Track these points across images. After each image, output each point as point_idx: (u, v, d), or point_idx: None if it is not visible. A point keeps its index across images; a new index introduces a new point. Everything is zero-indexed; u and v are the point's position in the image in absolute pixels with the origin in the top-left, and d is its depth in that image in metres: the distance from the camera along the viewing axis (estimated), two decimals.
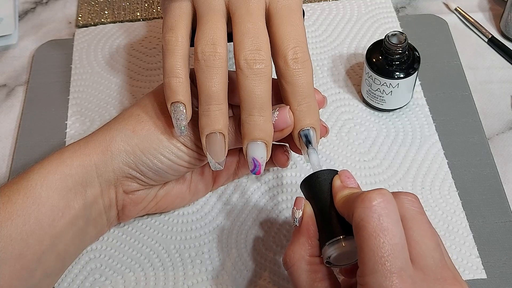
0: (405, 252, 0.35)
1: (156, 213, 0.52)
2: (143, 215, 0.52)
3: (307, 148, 0.44)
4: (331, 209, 0.40)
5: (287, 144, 0.49)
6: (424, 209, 0.51)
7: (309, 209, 0.41)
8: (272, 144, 0.44)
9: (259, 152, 0.42)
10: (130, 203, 0.47)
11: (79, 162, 0.44)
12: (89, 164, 0.44)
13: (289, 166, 0.53)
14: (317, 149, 0.45)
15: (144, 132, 0.45)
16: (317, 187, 0.41)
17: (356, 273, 0.36)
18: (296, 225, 0.41)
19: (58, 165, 0.43)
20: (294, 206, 0.41)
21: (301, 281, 0.39)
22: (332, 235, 0.39)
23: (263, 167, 0.43)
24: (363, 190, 0.52)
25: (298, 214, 0.41)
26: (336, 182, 0.41)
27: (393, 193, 0.37)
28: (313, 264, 0.39)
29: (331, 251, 0.39)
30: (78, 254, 0.48)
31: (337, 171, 0.42)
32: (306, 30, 0.45)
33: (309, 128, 0.44)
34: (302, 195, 0.43)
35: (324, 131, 0.47)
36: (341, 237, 0.38)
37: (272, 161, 0.49)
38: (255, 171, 0.43)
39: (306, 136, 0.44)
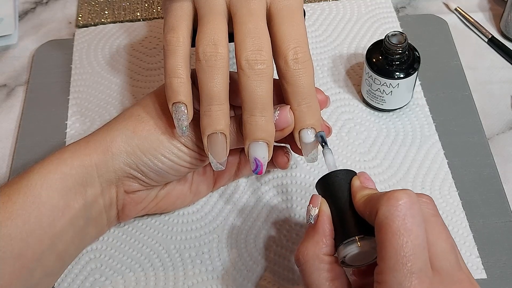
0: (425, 254, 0.35)
1: (156, 213, 0.52)
2: (143, 215, 0.52)
3: (323, 148, 0.44)
4: (348, 209, 0.40)
5: (288, 146, 0.49)
6: None
7: (325, 207, 0.41)
8: (273, 145, 0.44)
9: (261, 152, 0.42)
10: (130, 203, 0.47)
11: (80, 162, 0.44)
12: (89, 164, 0.44)
13: (289, 166, 0.53)
14: (317, 150, 0.45)
15: (144, 133, 0.45)
16: (335, 186, 0.41)
17: (368, 274, 0.36)
18: (311, 222, 0.40)
19: (58, 165, 0.43)
20: (310, 203, 0.41)
21: (312, 278, 0.39)
22: (348, 234, 0.39)
23: (265, 167, 0.43)
24: None
25: (314, 211, 0.40)
26: (356, 182, 0.41)
27: None
28: (326, 262, 0.39)
29: (347, 251, 0.38)
30: (78, 254, 0.48)
31: (355, 171, 0.42)
32: (306, 30, 0.45)
33: (302, 134, 0.44)
34: (304, 195, 0.43)
35: (327, 131, 0.47)
36: (358, 237, 0.38)
37: (272, 163, 0.49)
38: (257, 171, 0.43)
39: (322, 137, 0.44)
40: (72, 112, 0.60)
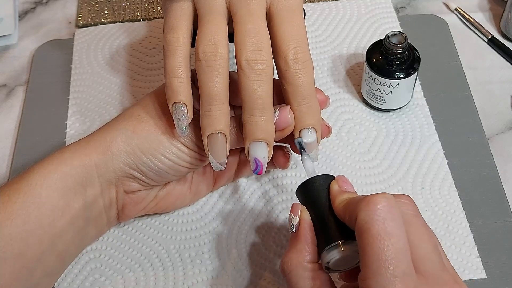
0: (408, 257, 0.35)
1: (156, 213, 0.52)
2: (143, 215, 0.52)
3: (301, 154, 0.44)
4: (328, 214, 0.40)
5: (288, 145, 0.49)
6: (424, 209, 0.51)
7: (306, 215, 0.41)
8: (273, 145, 0.44)
9: (261, 152, 0.42)
10: (130, 203, 0.47)
11: (80, 162, 0.44)
12: (89, 164, 0.44)
13: (289, 166, 0.53)
14: (317, 150, 0.45)
15: (144, 133, 0.45)
16: (314, 192, 0.41)
17: (356, 278, 0.36)
18: (293, 231, 0.41)
19: (58, 165, 0.43)
20: (290, 212, 0.41)
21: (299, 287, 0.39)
22: (330, 240, 0.39)
23: (265, 167, 0.43)
24: (363, 190, 0.53)
25: (295, 220, 0.41)
26: (334, 187, 0.40)
27: None
28: (311, 270, 0.39)
29: (330, 256, 0.38)
30: (78, 254, 0.48)
31: (333, 176, 0.42)
32: (306, 30, 0.45)
33: (302, 134, 0.44)
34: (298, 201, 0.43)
35: (327, 131, 0.47)
36: (340, 241, 0.38)
37: (272, 163, 0.49)
38: (257, 171, 0.43)
39: (300, 143, 0.44)
40: (72, 112, 0.60)
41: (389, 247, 0.34)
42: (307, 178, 0.42)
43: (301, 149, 0.44)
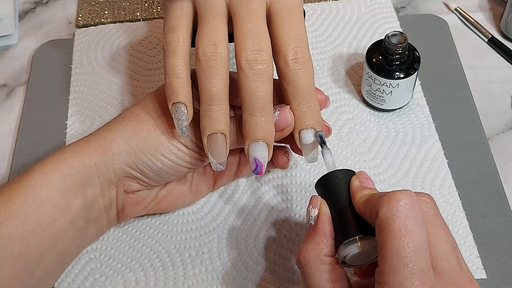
0: (427, 255, 0.35)
1: (156, 213, 0.52)
2: (143, 215, 0.52)
3: (322, 148, 0.43)
4: (348, 209, 0.40)
5: (288, 146, 0.49)
6: None
7: (325, 207, 0.40)
8: (273, 145, 0.44)
9: (261, 152, 0.42)
10: (130, 203, 0.47)
11: (80, 162, 0.44)
12: (89, 164, 0.44)
13: (289, 166, 0.53)
14: (317, 150, 0.45)
15: (144, 133, 0.45)
16: (334, 186, 0.41)
17: (370, 274, 0.36)
18: (311, 223, 0.40)
19: (58, 165, 0.43)
20: (309, 204, 0.41)
21: (314, 280, 0.39)
22: (348, 234, 0.39)
23: (265, 167, 0.43)
24: None
25: (314, 212, 0.40)
26: (355, 182, 0.40)
27: None
28: (327, 264, 0.39)
29: (348, 251, 0.38)
30: (78, 254, 0.48)
31: (354, 171, 0.42)
32: (306, 30, 0.45)
33: (302, 135, 0.43)
34: (306, 195, 0.43)
35: (327, 131, 0.47)
36: (358, 237, 0.38)
37: (272, 163, 0.49)
38: (257, 171, 0.43)
39: (321, 137, 0.44)
40: (72, 112, 0.60)
41: (409, 244, 0.34)
42: (326, 172, 0.42)
43: (321, 143, 0.44)
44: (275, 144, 0.46)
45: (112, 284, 0.49)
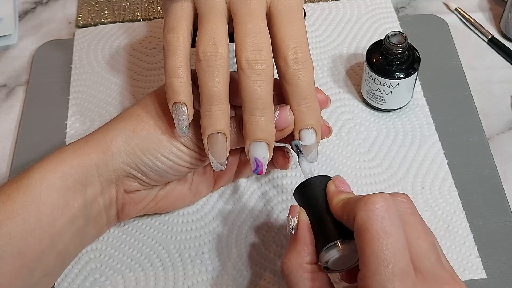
0: (407, 255, 0.35)
1: (156, 213, 0.52)
2: (143, 215, 0.52)
3: (298, 156, 0.44)
4: (326, 215, 0.40)
5: (288, 146, 0.49)
6: (424, 209, 0.51)
7: (304, 216, 0.41)
8: (274, 145, 0.44)
9: (261, 152, 0.42)
10: (130, 202, 0.47)
11: (79, 162, 0.44)
12: (89, 164, 0.44)
13: (289, 167, 0.53)
14: (316, 151, 0.45)
15: (144, 133, 0.45)
16: (311, 193, 0.41)
17: (356, 278, 0.36)
18: (292, 233, 0.41)
19: (58, 164, 0.43)
20: (288, 214, 0.41)
21: None
22: (328, 239, 0.39)
23: (265, 167, 0.43)
24: (363, 190, 0.53)
25: (294, 222, 0.41)
26: (331, 187, 0.41)
27: None
28: (310, 271, 0.39)
29: (329, 256, 0.38)
30: (77, 254, 0.48)
31: (330, 177, 0.42)
32: (306, 30, 0.45)
33: (301, 135, 0.44)
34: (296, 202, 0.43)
35: (327, 131, 0.47)
36: (338, 241, 0.38)
37: (273, 163, 0.49)
38: (257, 171, 0.43)
39: (297, 146, 0.44)
40: (72, 112, 0.60)
41: (387, 246, 0.34)
42: (303, 179, 0.42)
43: (298, 151, 0.44)
44: (276, 144, 0.46)
45: (112, 284, 0.49)
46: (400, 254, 0.34)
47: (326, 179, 0.41)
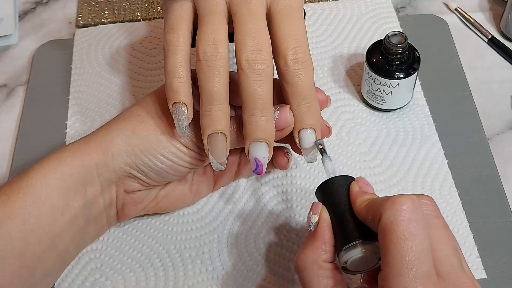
0: (430, 259, 0.35)
1: (156, 213, 0.52)
2: (143, 215, 0.52)
3: (322, 156, 0.44)
4: (348, 214, 0.40)
5: (288, 146, 0.49)
6: None
7: (325, 214, 0.40)
8: (274, 145, 0.44)
9: (261, 152, 0.42)
10: (130, 202, 0.47)
11: (79, 162, 0.44)
12: (89, 164, 0.44)
13: (289, 167, 0.53)
14: (316, 151, 0.45)
15: (144, 133, 0.45)
16: (334, 192, 0.41)
17: (375, 281, 0.36)
18: (311, 229, 0.40)
19: (58, 165, 0.43)
20: (310, 210, 0.41)
21: (312, 286, 0.38)
22: (349, 239, 0.39)
23: (265, 167, 0.43)
24: None
25: (315, 218, 0.40)
26: (355, 187, 0.40)
27: None
28: (325, 269, 0.39)
29: (349, 255, 0.38)
30: (78, 254, 0.48)
31: (353, 177, 0.42)
32: (306, 30, 0.45)
33: (301, 135, 0.44)
34: (306, 201, 0.43)
35: (327, 131, 0.47)
36: (359, 242, 0.38)
37: (273, 163, 0.49)
38: (257, 171, 0.43)
39: (321, 145, 0.44)
40: (72, 112, 0.60)
41: (412, 248, 0.34)
42: (326, 178, 0.42)
43: (321, 151, 0.44)
44: (276, 144, 0.46)
45: (112, 284, 0.49)
46: (424, 257, 0.34)
47: (349, 179, 0.41)
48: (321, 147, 0.44)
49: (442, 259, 0.36)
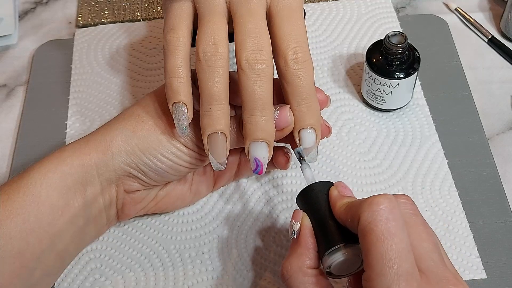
0: (411, 256, 0.35)
1: (156, 213, 0.52)
2: (143, 215, 0.52)
3: (300, 164, 0.44)
4: (329, 219, 0.40)
5: (288, 146, 0.49)
6: (424, 209, 0.51)
7: (307, 221, 0.41)
8: (274, 145, 0.44)
9: (261, 152, 0.42)
10: (130, 202, 0.47)
11: (79, 162, 0.44)
12: (89, 164, 0.44)
13: (289, 167, 0.53)
14: (316, 150, 0.45)
15: (144, 132, 0.45)
16: (313, 198, 0.41)
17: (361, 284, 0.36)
18: (294, 237, 0.41)
19: (58, 164, 0.43)
20: (291, 219, 0.41)
21: None
22: (331, 243, 0.39)
23: (265, 167, 0.43)
24: (363, 190, 0.53)
25: (296, 226, 0.41)
26: (334, 192, 0.41)
27: None
28: (310, 276, 0.39)
29: (332, 260, 0.38)
30: (77, 253, 0.48)
31: (332, 182, 0.42)
32: (306, 30, 0.45)
33: (301, 134, 0.44)
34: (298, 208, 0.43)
35: (327, 131, 0.47)
36: (341, 245, 0.38)
37: (272, 163, 0.49)
38: (257, 171, 0.43)
39: (299, 153, 0.44)
40: (72, 112, 0.60)
41: (392, 247, 0.34)
42: (306, 185, 0.42)
43: (300, 159, 0.44)
44: (276, 144, 0.46)
45: (112, 284, 0.49)
46: (404, 255, 0.34)
47: (328, 184, 0.42)
48: (299, 155, 0.44)
49: (423, 255, 0.36)
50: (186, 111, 0.43)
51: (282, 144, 0.50)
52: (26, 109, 0.61)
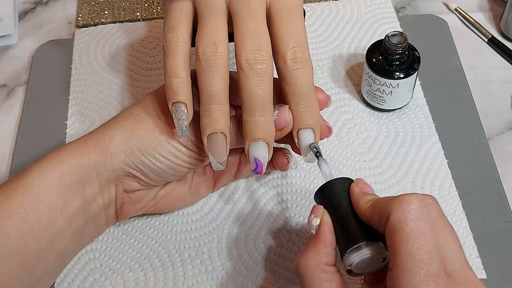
0: (439, 257, 0.35)
1: (155, 213, 0.52)
2: (143, 215, 0.52)
3: (317, 159, 0.43)
4: (350, 216, 0.39)
5: (288, 146, 0.49)
6: None
7: (327, 217, 0.40)
8: (274, 145, 0.44)
9: (261, 152, 0.42)
10: (129, 202, 0.47)
11: (78, 161, 0.44)
12: (88, 164, 0.44)
13: (289, 167, 0.53)
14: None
15: (143, 132, 0.45)
16: (334, 195, 0.41)
17: (379, 282, 0.36)
18: (312, 233, 0.40)
19: (57, 164, 0.43)
20: (311, 214, 0.41)
21: None
22: (353, 241, 0.38)
23: (265, 167, 0.43)
24: None
25: (316, 222, 0.40)
26: (355, 189, 0.40)
27: None
28: (327, 272, 0.38)
29: (353, 258, 0.38)
30: (76, 253, 0.48)
31: (351, 179, 0.41)
32: (306, 30, 0.45)
33: (300, 134, 0.44)
34: (304, 203, 0.43)
35: (327, 131, 0.47)
36: (363, 243, 0.38)
37: (272, 165, 0.49)
38: (257, 170, 0.43)
39: (316, 148, 0.44)
40: (72, 112, 0.60)
41: (422, 247, 0.34)
42: (324, 182, 0.42)
43: (317, 154, 0.44)
44: (275, 145, 0.46)
45: (112, 284, 0.49)
46: (434, 255, 0.34)
47: (348, 181, 0.41)
48: (316, 150, 0.44)
49: (450, 257, 0.36)
50: (186, 111, 0.43)
51: (282, 145, 0.50)
52: (26, 109, 0.61)
